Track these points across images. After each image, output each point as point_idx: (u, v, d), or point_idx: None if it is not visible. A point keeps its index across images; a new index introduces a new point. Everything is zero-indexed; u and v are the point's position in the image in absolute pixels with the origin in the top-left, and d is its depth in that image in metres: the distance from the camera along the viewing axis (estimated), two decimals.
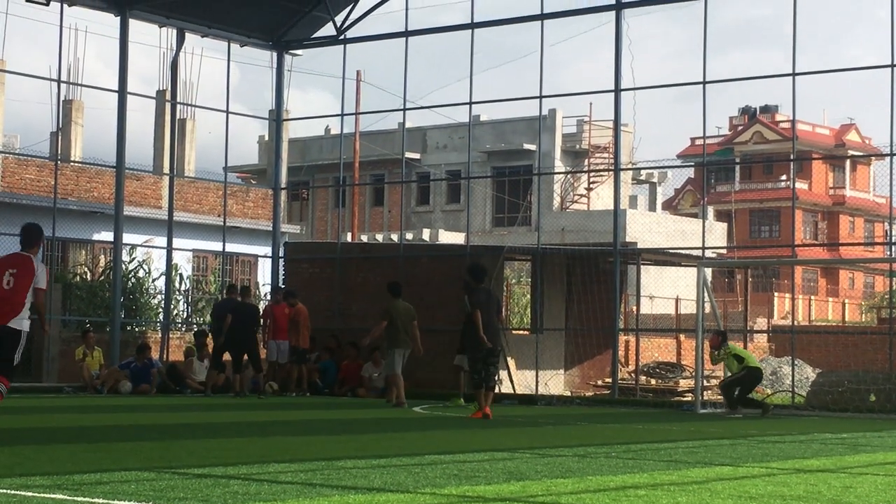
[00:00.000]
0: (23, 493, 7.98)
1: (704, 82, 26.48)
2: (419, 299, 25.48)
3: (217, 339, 25.44)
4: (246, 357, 25.43)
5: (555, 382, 29.40)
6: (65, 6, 28.31)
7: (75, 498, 7.82)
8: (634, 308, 34.20)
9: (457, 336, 26.03)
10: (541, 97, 28.25)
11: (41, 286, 13.64)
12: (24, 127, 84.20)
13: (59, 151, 34.35)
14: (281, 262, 31.51)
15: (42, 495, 7.88)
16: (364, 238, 51.55)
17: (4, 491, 8.04)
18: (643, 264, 32.68)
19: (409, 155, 47.55)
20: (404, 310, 23.32)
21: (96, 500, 7.81)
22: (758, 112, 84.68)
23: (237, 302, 25.75)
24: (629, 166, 49.09)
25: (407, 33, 30.08)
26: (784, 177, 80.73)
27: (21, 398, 22.26)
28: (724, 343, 23.12)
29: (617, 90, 27.39)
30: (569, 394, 28.78)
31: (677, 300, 38.23)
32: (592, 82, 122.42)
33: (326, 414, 19.89)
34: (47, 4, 28.07)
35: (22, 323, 13.39)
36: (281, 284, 29.95)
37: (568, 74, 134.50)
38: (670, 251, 33.97)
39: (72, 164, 36.44)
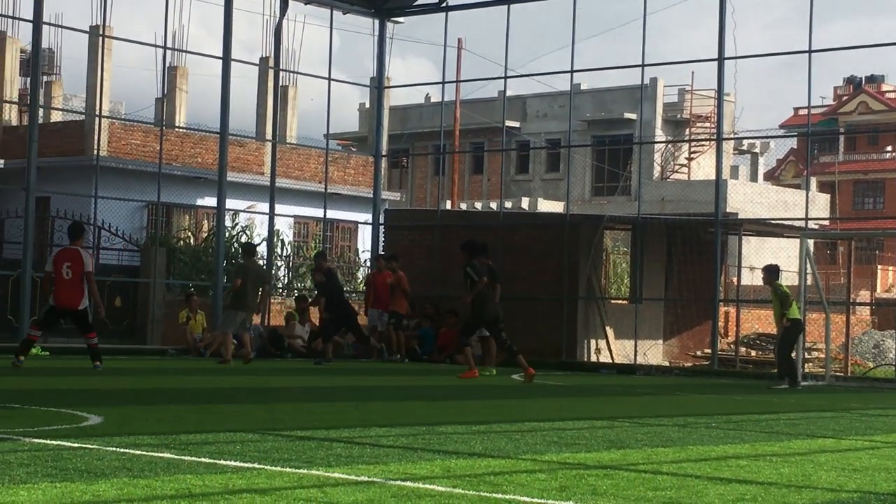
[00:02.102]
0: (132, 451, 8.14)
1: (810, 51, 26.11)
2: (518, 267, 25.49)
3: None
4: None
5: (653, 352, 29.30)
6: None
7: (182, 457, 7.95)
8: (735, 279, 33.90)
9: (553, 304, 26.08)
10: (643, 66, 28.06)
11: (89, 269, 17.85)
12: (129, 93, 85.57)
13: (164, 117, 34.76)
14: (381, 228, 31.68)
15: (150, 454, 8.03)
16: (463, 206, 51.60)
17: (114, 449, 8.21)
18: (744, 235, 32.35)
19: (508, 123, 47.41)
20: (254, 272, 23.31)
21: (202, 459, 7.94)
22: (863, 82, 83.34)
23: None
24: (731, 136, 48.56)
25: (509, 0, 29.98)
26: (889, 147, 79.39)
27: (126, 360, 22.70)
28: (774, 278, 21.51)
29: (721, 59, 27.11)
30: (667, 364, 28.67)
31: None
32: (695, 51, 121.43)
33: (425, 380, 20.01)
34: None
35: (84, 301, 17.90)
36: (381, 251, 30.11)
37: (670, 43, 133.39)
38: (772, 222, 33.59)
39: (176, 129, 36.89)
